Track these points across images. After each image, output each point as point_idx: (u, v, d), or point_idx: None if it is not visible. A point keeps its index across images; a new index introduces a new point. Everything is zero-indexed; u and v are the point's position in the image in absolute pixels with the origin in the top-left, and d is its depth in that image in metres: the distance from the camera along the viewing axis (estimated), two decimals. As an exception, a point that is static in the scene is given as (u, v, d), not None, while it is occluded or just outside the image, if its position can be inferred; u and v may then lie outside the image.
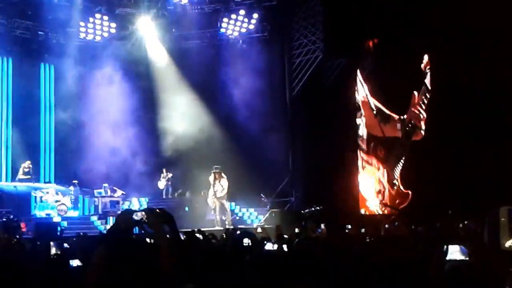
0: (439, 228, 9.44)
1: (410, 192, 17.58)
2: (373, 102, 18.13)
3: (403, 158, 17.89)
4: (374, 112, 18.12)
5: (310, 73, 18.00)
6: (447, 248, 4.78)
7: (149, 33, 18.27)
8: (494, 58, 15.90)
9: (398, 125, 18.01)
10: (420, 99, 17.83)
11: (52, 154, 17.94)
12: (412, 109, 17.90)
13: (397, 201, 17.80)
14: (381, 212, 17.81)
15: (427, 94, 17.77)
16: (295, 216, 15.82)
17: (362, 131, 18.18)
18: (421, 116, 17.83)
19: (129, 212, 2.77)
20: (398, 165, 17.99)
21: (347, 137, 17.75)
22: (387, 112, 18.03)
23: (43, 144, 17.84)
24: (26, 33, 17.03)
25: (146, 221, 2.71)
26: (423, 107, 17.85)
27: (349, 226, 10.72)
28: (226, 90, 18.04)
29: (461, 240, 5.60)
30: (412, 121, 17.89)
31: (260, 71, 17.87)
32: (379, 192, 18.14)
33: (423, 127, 17.80)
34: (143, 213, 2.73)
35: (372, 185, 18.13)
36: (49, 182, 16.98)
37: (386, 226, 10.71)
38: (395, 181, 18.00)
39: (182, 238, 5.16)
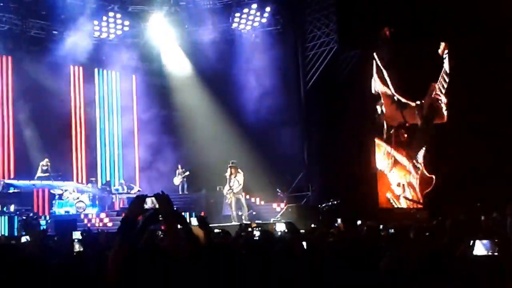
0: (465, 222, 9.28)
1: (434, 177, 17.57)
2: (391, 90, 18.05)
3: (426, 143, 17.86)
4: (392, 99, 18.05)
5: (325, 65, 17.82)
6: (473, 243, 4.72)
7: (162, 30, 18.28)
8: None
9: (416, 112, 17.97)
10: (439, 87, 17.75)
11: (82, 153, 18.09)
12: (431, 95, 17.86)
13: (421, 186, 17.79)
14: (404, 206, 17.72)
15: (446, 78, 17.69)
16: (312, 211, 15.75)
17: (382, 119, 18.11)
18: (441, 101, 17.77)
19: (141, 199, 2.78)
20: (421, 150, 17.95)
21: (364, 128, 17.59)
22: (403, 100, 17.98)
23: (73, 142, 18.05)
24: (41, 33, 17.17)
25: (158, 207, 2.74)
26: (443, 92, 17.76)
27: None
28: (240, 85, 17.98)
29: (488, 234, 5.48)
30: (434, 105, 17.84)
31: (273, 65, 17.77)
32: (398, 184, 17.98)
33: (445, 111, 17.77)
34: (153, 199, 2.76)
35: (395, 177, 18.01)
36: (68, 179, 17.15)
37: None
38: (418, 165, 17.95)
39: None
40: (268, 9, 18.39)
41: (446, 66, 17.85)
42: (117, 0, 17.64)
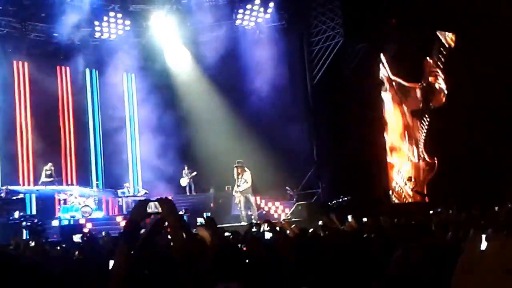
0: (478, 214, 9.00)
1: (435, 161, 17.32)
2: (393, 78, 17.82)
3: (426, 126, 17.63)
4: (395, 89, 17.78)
5: (331, 60, 17.53)
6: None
7: (163, 29, 17.99)
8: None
9: (418, 93, 17.75)
10: (434, 61, 17.45)
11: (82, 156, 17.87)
12: (428, 75, 17.64)
13: (424, 171, 17.59)
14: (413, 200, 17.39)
15: (443, 51, 17.35)
16: (322, 208, 15.42)
17: (388, 106, 17.81)
18: (440, 76, 17.48)
19: (143, 203, 2.73)
20: (422, 135, 17.65)
21: (374, 123, 17.33)
22: (407, 84, 17.79)
23: (67, 146, 17.78)
24: (41, 35, 16.92)
25: (160, 211, 2.70)
26: (441, 66, 17.47)
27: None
28: (245, 82, 17.67)
29: (505, 226, 5.24)
30: (430, 87, 17.61)
31: (279, 61, 17.48)
32: (409, 179, 17.67)
33: (444, 88, 17.50)
34: (157, 203, 2.70)
35: (404, 170, 17.71)
36: (72, 184, 16.91)
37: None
38: (420, 153, 17.68)
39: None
40: (271, 4, 18.07)
41: (442, 38, 17.60)
42: (117, 0, 17.37)
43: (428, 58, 17.58)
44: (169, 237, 2.91)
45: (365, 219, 10.52)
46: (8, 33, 16.37)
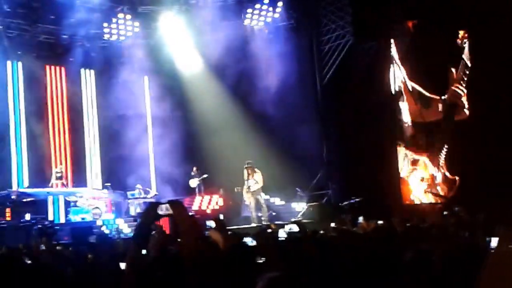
0: (498, 214, 8.83)
1: (457, 178, 16.68)
2: (411, 85, 17.43)
3: (447, 142, 17.05)
4: (414, 97, 17.45)
5: (341, 59, 17.33)
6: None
7: (173, 30, 17.95)
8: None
9: (440, 106, 17.18)
10: (459, 76, 17.03)
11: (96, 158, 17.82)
12: (452, 87, 17.07)
13: (445, 189, 17.01)
14: (427, 202, 17.13)
15: (466, 70, 16.96)
16: (333, 209, 15.31)
17: (406, 118, 17.49)
18: (462, 93, 17.04)
19: (154, 205, 2.76)
20: (443, 150, 17.19)
21: (384, 124, 17.07)
22: (428, 94, 17.23)
23: (87, 148, 17.82)
24: (51, 37, 16.93)
25: (171, 213, 2.73)
26: (463, 84, 17.07)
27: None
28: (255, 82, 17.57)
29: None
30: (453, 100, 17.08)
31: (288, 61, 17.28)
32: (422, 179, 17.40)
33: (466, 105, 16.98)
34: (168, 205, 2.72)
35: (417, 172, 17.41)
36: (82, 186, 16.90)
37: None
38: (440, 168, 17.21)
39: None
40: (280, 4, 17.98)
41: (465, 56, 17.17)
42: (126, 1, 17.36)
43: (453, 69, 16.93)
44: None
45: (380, 222, 10.41)
46: (18, 35, 16.39)
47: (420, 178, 17.36)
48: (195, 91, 18.00)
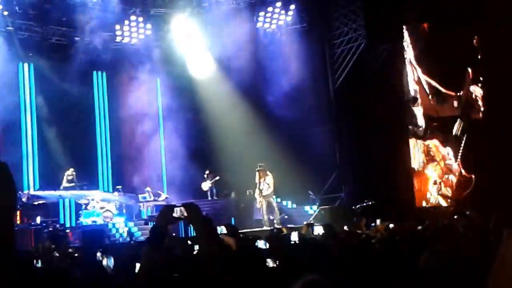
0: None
1: (473, 177, 16.64)
2: (427, 80, 17.29)
3: (464, 139, 16.97)
4: (429, 94, 17.31)
5: (354, 62, 17.24)
6: None
7: (185, 32, 17.90)
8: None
9: (455, 103, 17.17)
10: (476, 76, 16.92)
11: (108, 162, 17.82)
12: (468, 86, 17.07)
13: (460, 187, 16.96)
14: (443, 204, 16.97)
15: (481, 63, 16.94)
16: (346, 212, 15.16)
17: (421, 121, 17.36)
18: (478, 94, 16.92)
19: (169, 208, 2.78)
20: (459, 148, 17.06)
21: (397, 126, 16.93)
22: (443, 90, 17.18)
23: (99, 151, 17.79)
24: (62, 39, 16.94)
25: (186, 216, 2.74)
26: (479, 85, 16.93)
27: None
28: (267, 85, 17.50)
29: None
30: (469, 99, 17.03)
31: (301, 64, 17.26)
32: (435, 183, 17.25)
33: (481, 105, 16.92)
34: (183, 208, 2.73)
35: (431, 175, 17.24)
36: (94, 189, 16.83)
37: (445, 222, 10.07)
38: (456, 166, 17.09)
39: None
40: (292, 6, 17.94)
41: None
42: (138, 4, 17.35)
43: (469, 69, 17.05)
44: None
45: (391, 225, 10.28)
46: (29, 36, 16.40)
47: (433, 181, 17.21)
48: (207, 93, 17.92)
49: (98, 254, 7.94)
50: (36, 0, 15.97)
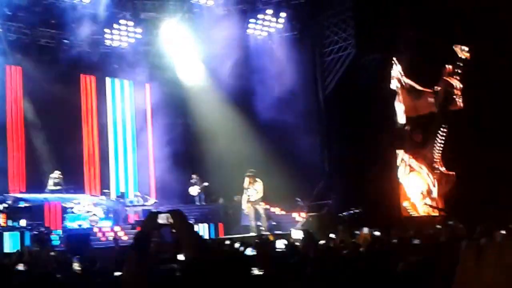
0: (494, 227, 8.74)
1: (454, 174, 16.92)
2: (405, 81, 17.52)
3: (443, 135, 17.17)
4: (408, 91, 17.51)
5: (343, 71, 17.36)
6: None
7: (175, 37, 17.87)
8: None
9: (431, 99, 17.37)
10: (453, 70, 17.22)
11: (94, 164, 17.70)
12: (445, 78, 17.30)
13: (442, 185, 17.16)
14: (426, 213, 17.10)
15: (460, 64, 17.14)
16: (333, 220, 15.17)
17: (402, 119, 17.54)
18: (457, 86, 17.24)
19: (154, 214, 2.75)
20: (438, 144, 17.25)
21: (385, 135, 17.05)
22: (419, 88, 17.40)
23: (85, 155, 17.63)
24: (51, 42, 16.83)
25: (172, 223, 2.72)
26: (458, 78, 17.26)
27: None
28: (257, 92, 17.48)
29: None
30: (447, 90, 17.26)
31: (291, 71, 17.33)
32: (421, 192, 17.38)
33: (460, 97, 17.21)
34: (168, 215, 2.69)
35: (417, 183, 17.37)
36: (80, 192, 16.69)
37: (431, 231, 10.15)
38: (436, 165, 17.28)
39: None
40: (283, 14, 18.00)
41: (458, 49, 17.43)
42: (129, 8, 17.29)
43: (446, 65, 17.31)
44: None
45: (377, 233, 10.34)
46: (18, 38, 16.28)
47: (415, 192, 17.38)
48: (196, 98, 17.90)
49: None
50: (26, 2, 15.85)
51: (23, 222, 14.07)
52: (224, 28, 17.61)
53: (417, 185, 17.41)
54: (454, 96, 17.28)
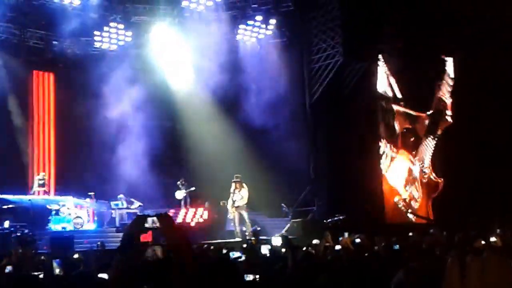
0: (475, 235, 8.88)
1: (441, 181, 17.60)
2: (400, 109, 17.99)
3: (432, 144, 17.86)
4: (403, 116, 18.03)
5: (330, 78, 17.53)
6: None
7: (165, 41, 17.90)
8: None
9: (427, 122, 18.09)
10: (444, 87, 17.90)
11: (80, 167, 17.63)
12: (437, 96, 18.04)
13: (428, 190, 17.74)
14: (413, 220, 17.36)
15: (449, 81, 17.84)
16: (317, 226, 15.27)
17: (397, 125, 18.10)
18: (446, 103, 17.99)
19: (142, 218, 2.79)
20: (429, 154, 17.86)
21: (372, 142, 17.32)
22: (414, 114, 18.00)
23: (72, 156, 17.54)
24: (40, 43, 16.78)
25: (158, 227, 2.76)
26: (447, 95, 18.00)
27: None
28: (245, 97, 17.59)
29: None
30: (438, 108, 18.03)
31: (278, 77, 17.56)
32: (404, 200, 17.62)
33: (449, 113, 17.97)
34: (155, 219, 2.74)
35: (399, 171, 17.71)
36: (65, 194, 16.61)
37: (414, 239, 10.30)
38: (426, 170, 17.65)
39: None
40: (273, 21, 18.19)
41: (449, 68, 18.05)
42: (119, 11, 17.31)
43: (438, 83, 18.00)
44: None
45: (358, 240, 10.45)
46: (6, 39, 16.21)
47: (400, 197, 17.67)
48: (184, 103, 17.94)
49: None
50: (16, 2, 15.81)
51: (6, 224, 13.98)
52: (214, 33, 17.73)
53: (399, 173, 17.83)
54: (444, 114, 18.02)
